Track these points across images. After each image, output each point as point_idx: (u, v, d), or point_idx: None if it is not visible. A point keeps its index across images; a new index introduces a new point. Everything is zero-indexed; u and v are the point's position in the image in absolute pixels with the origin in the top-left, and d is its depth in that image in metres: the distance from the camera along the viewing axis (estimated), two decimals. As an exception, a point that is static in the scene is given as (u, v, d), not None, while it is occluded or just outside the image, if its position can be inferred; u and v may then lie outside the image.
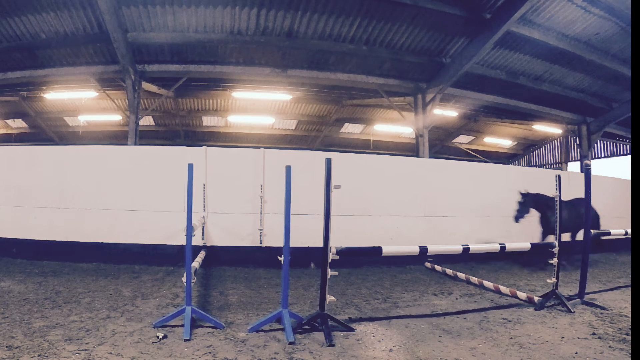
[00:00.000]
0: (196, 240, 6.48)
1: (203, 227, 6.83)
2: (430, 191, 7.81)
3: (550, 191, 7.21)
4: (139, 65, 10.35)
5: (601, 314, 4.39)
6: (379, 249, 4.22)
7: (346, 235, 6.69)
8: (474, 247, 4.67)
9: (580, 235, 7.44)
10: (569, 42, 9.86)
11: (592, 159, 17.57)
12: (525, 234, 7.38)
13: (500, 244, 4.68)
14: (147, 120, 16.19)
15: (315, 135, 18.27)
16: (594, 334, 3.71)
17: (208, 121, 16.91)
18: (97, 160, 7.05)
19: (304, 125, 17.57)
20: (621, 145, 19.09)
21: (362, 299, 4.98)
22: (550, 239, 6.97)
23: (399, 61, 10.55)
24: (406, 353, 3.24)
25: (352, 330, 3.73)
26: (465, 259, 7.68)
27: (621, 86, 12.34)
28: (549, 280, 4.83)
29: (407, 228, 7.53)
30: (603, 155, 19.99)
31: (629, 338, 3.54)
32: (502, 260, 7.81)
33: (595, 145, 18.32)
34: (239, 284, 5.66)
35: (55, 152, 7.60)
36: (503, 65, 11.11)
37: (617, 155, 19.40)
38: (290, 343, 3.37)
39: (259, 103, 14.72)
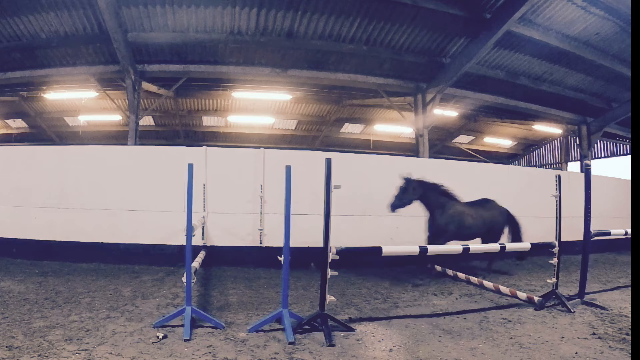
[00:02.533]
0: (196, 240, 6.47)
1: (203, 227, 6.83)
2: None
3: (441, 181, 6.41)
4: (139, 65, 10.35)
5: (601, 314, 4.39)
6: (379, 249, 4.22)
7: (347, 235, 6.69)
8: (474, 247, 4.67)
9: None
10: (569, 42, 9.86)
11: (592, 159, 17.57)
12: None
13: (500, 244, 4.69)
14: (147, 120, 16.18)
15: (315, 135, 18.27)
16: (594, 334, 3.72)
17: (208, 121, 16.91)
18: (97, 160, 7.05)
19: (304, 125, 17.57)
20: (621, 145, 19.09)
21: (362, 299, 4.98)
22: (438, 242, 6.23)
23: (399, 61, 10.55)
24: (406, 353, 3.24)
25: (352, 330, 3.73)
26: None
27: (621, 86, 12.34)
28: (549, 280, 4.83)
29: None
30: (603, 155, 19.99)
31: (629, 338, 3.54)
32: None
33: (595, 145, 18.32)
34: (239, 284, 5.66)
35: (55, 152, 7.60)
36: (503, 65, 11.11)
37: (617, 155, 19.40)
38: (290, 343, 3.37)
39: (259, 103, 14.72)
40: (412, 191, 6.01)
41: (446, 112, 14.34)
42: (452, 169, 8.36)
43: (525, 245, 4.97)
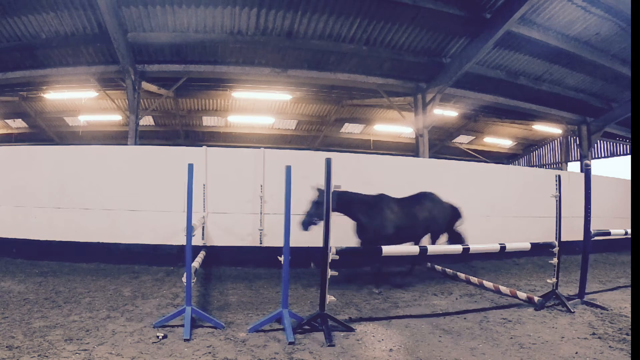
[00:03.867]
0: (196, 240, 6.47)
1: (203, 227, 6.83)
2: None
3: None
4: (139, 65, 10.35)
5: (601, 314, 4.39)
6: (379, 249, 4.23)
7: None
8: (474, 247, 4.67)
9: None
10: (569, 42, 9.85)
11: (592, 159, 17.56)
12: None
13: (500, 244, 4.68)
14: (147, 120, 16.18)
15: (315, 135, 18.27)
16: (594, 334, 3.72)
17: (208, 121, 16.91)
18: (97, 160, 7.05)
19: (304, 125, 17.57)
20: (621, 145, 19.08)
21: (362, 299, 4.98)
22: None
23: (399, 61, 10.55)
24: (406, 353, 3.24)
25: (352, 330, 3.73)
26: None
27: (621, 86, 12.33)
28: (549, 281, 4.84)
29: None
30: (603, 155, 19.98)
31: (629, 338, 3.54)
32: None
33: (595, 145, 18.32)
34: (239, 284, 5.66)
35: (55, 152, 7.60)
36: (503, 65, 11.10)
37: (617, 155, 19.39)
38: (290, 343, 3.37)
39: (259, 103, 14.72)
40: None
41: (446, 112, 14.33)
42: (452, 168, 8.36)
43: (525, 245, 4.95)
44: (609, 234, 5.36)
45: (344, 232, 5.56)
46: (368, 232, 5.48)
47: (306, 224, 5.27)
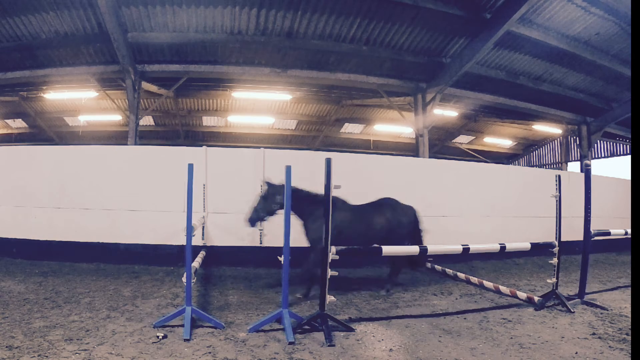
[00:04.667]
0: (196, 240, 6.47)
1: (203, 227, 6.83)
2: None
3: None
4: (139, 65, 10.35)
5: (601, 314, 4.39)
6: (379, 249, 4.23)
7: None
8: (474, 247, 4.66)
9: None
10: (569, 42, 9.86)
11: (592, 159, 17.57)
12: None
13: (500, 244, 4.67)
14: (147, 120, 16.18)
15: (315, 135, 18.27)
16: (594, 334, 3.72)
17: (208, 121, 16.91)
18: (97, 160, 7.05)
19: (304, 125, 17.57)
20: (621, 145, 19.09)
21: (362, 299, 4.98)
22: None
23: (399, 61, 10.55)
24: (406, 353, 3.24)
25: (352, 330, 3.73)
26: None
27: (621, 86, 12.34)
28: (549, 280, 4.83)
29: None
30: (603, 155, 19.99)
31: (629, 338, 3.54)
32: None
33: (595, 145, 18.31)
34: (239, 284, 5.66)
35: (55, 152, 7.60)
36: (503, 65, 11.11)
37: (617, 155, 19.40)
38: (290, 343, 3.37)
39: (259, 103, 14.72)
40: (276, 198, 4.90)
41: (446, 112, 14.34)
42: (452, 168, 8.36)
43: (525, 245, 4.95)
44: (609, 234, 5.36)
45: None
46: (308, 233, 5.04)
47: (253, 220, 5.00)
